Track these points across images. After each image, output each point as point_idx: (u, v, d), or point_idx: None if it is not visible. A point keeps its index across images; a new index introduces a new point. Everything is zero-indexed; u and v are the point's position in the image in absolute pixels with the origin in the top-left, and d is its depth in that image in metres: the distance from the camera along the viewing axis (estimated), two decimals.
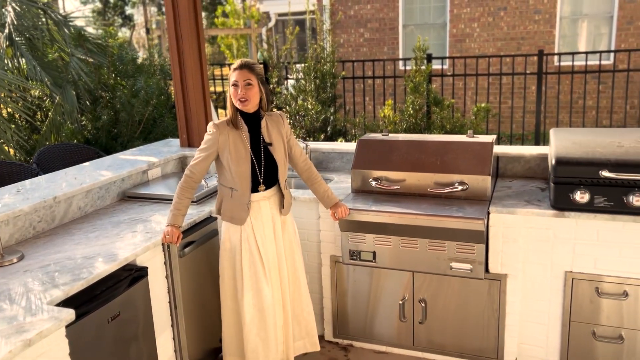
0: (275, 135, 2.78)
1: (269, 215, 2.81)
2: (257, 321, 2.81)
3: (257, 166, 2.74)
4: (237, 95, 2.64)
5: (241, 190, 2.73)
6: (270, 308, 2.80)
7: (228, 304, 2.89)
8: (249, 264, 2.77)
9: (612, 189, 2.66)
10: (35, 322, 1.88)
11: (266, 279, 2.78)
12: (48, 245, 2.65)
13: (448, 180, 3.11)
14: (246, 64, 2.65)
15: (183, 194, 2.74)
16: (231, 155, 2.70)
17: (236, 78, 2.63)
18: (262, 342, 2.82)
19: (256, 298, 2.79)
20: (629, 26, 9.45)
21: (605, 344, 2.89)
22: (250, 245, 2.77)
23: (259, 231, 2.78)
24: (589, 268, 2.84)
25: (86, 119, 4.98)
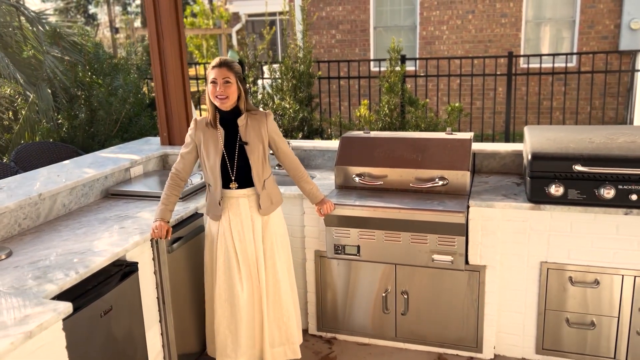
0: (253, 135, 2.77)
1: (247, 214, 2.81)
2: (227, 314, 2.86)
3: (229, 164, 2.77)
4: (216, 93, 2.66)
5: (213, 188, 2.79)
6: (242, 304, 2.82)
7: (209, 299, 2.95)
8: (224, 258, 2.83)
9: (584, 182, 2.81)
10: (34, 315, 1.89)
11: (240, 275, 2.82)
12: (35, 241, 2.64)
13: (429, 176, 3.22)
14: (225, 62, 2.68)
15: (170, 190, 2.80)
16: (205, 151, 2.77)
17: (215, 76, 2.65)
18: (232, 335, 2.86)
19: (228, 292, 2.84)
20: (590, 30, 9.84)
21: (577, 330, 3.04)
22: (226, 240, 2.81)
23: (237, 228, 2.81)
24: (562, 258, 2.99)
25: (62, 118, 4.91)
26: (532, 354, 3.17)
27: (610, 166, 2.76)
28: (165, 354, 2.92)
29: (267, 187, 2.84)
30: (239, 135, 2.77)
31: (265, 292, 2.88)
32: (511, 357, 3.21)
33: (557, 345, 3.11)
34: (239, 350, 2.88)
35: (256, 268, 2.86)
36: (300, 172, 2.99)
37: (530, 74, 5.98)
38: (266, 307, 2.89)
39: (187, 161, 2.81)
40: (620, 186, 2.76)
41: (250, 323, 2.87)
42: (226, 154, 2.76)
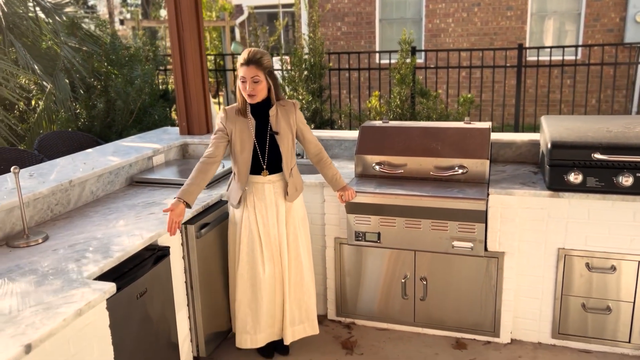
0: (283, 124, 2.86)
1: (272, 199, 2.89)
2: (249, 294, 2.95)
3: (260, 154, 2.84)
4: (246, 91, 2.72)
5: (240, 175, 2.85)
6: (264, 284, 2.91)
7: (232, 279, 3.06)
8: (247, 241, 2.91)
9: (603, 171, 2.88)
10: (81, 294, 1.95)
11: (262, 257, 2.91)
12: (68, 226, 2.70)
13: (448, 164, 3.29)
14: (253, 60, 2.69)
15: (197, 174, 2.74)
16: (236, 141, 2.81)
17: (244, 74, 2.70)
18: (252, 313, 2.96)
19: (250, 273, 2.93)
20: (596, 23, 9.88)
21: (593, 315, 3.12)
22: (250, 224, 2.89)
23: (261, 212, 2.89)
24: (580, 245, 3.06)
25: (80, 107, 4.96)
26: (548, 338, 3.25)
27: (628, 154, 2.83)
28: (193, 337, 3.00)
29: (293, 174, 2.93)
30: (269, 125, 2.83)
31: (288, 273, 2.98)
32: (527, 342, 3.29)
33: (572, 329, 3.18)
34: (258, 327, 2.98)
35: (279, 250, 2.95)
36: (324, 158, 3.06)
37: (540, 66, 6.04)
38: (288, 287, 2.99)
39: (218, 148, 2.83)
40: (638, 174, 2.83)
41: (271, 303, 2.97)
42: (258, 144, 2.82)
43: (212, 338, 3.11)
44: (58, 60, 4.94)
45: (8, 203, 2.56)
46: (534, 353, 3.18)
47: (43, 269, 2.20)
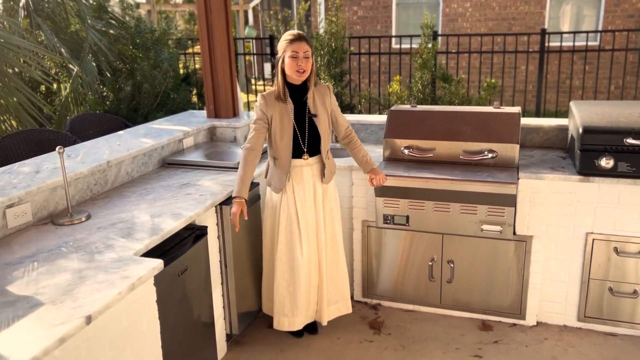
0: (320, 107, 2.91)
1: (310, 182, 2.96)
2: (287, 276, 3.01)
3: (300, 137, 2.88)
4: (296, 67, 2.73)
5: (282, 160, 2.88)
6: (302, 267, 2.97)
7: (267, 262, 3.11)
8: (286, 223, 2.96)
9: (635, 156, 2.90)
10: (131, 270, 2.02)
11: (300, 240, 2.96)
12: (108, 206, 2.77)
13: (477, 149, 3.31)
14: (303, 36, 2.76)
15: (247, 166, 2.81)
16: (276, 126, 2.84)
17: (295, 49, 2.72)
18: (290, 296, 3.02)
19: (288, 256, 2.98)
20: (616, 8, 9.76)
21: (619, 299, 3.16)
22: (289, 207, 2.94)
23: (299, 195, 2.94)
24: (608, 229, 3.09)
25: (107, 90, 5.02)
26: (574, 321, 3.30)
27: None
28: (226, 315, 3.07)
29: (329, 157, 3.00)
30: (307, 107, 2.86)
31: (325, 254, 3.04)
32: (553, 324, 3.33)
33: (598, 313, 3.23)
34: (297, 310, 3.04)
35: (315, 233, 3.00)
36: (354, 140, 3.11)
37: (563, 51, 6.00)
38: (325, 268, 3.05)
39: (259, 139, 2.85)
40: None
41: (307, 285, 3.03)
42: (297, 127, 2.86)
43: (244, 317, 3.19)
44: (84, 43, 4.99)
45: (52, 182, 2.63)
46: (560, 335, 3.23)
47: (91, 245, 2.27)
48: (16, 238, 2.38)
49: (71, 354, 1.74)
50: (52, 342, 1.59)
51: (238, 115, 4.32)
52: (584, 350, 3.09)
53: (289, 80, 2.83)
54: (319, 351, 3.15)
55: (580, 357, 3.03)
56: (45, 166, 2.89)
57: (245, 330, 3.30)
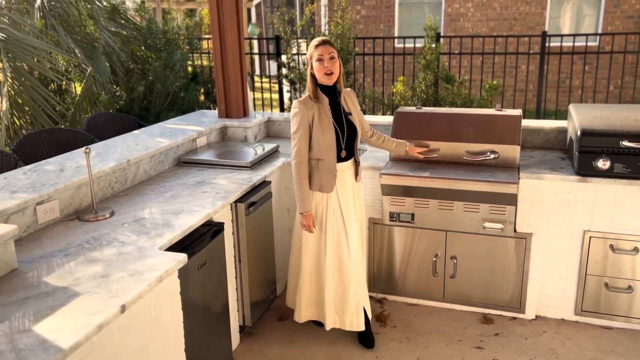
0: (352, 107, 3.04)
1: (350, 183, 3.04)
2: (337, 278, 3.08)
3: (340, 134, 2.94)
4: (323, 70, 2.83)
5: (327, 160, 2.92)
6: (348, 266, 3.04)
7: (308, 266, 3.13)
8: (332, 227, 3.01)
9: (630, 157, 3.04)
10: (158, 263, 2.17)
11: (347, 241, 3.02)
12: (130, 203, 2.92)
13: (480, 150, 3.46)
14: (327, 40, 2.87)
15: (301, 182, 2.92)
16: (317, 126, 2.88)
17: (321, 52, 2.82)
18: (340, 297, 3.10)
19: (336, 258, 3.05)
20: (616, 9, 9.89)
21: (615, 294, 3.31)
22: (334, 211, 3.00)
23: (343, 198, 3.00)
24: (605, 227, 3.24)
25: (121, 90, 5.16)
26: (571, 315, 3.45)
27: None
28: (239, 307, 3.22)
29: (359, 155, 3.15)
30: (341, 107, 2.97)
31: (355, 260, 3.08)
32: (551, 318, 3.49)
33: (595, 307, 3.38)
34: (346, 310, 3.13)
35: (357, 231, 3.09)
36: (378, 133, 3.33)
37: (563, 53, 6.15)
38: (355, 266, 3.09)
39: (306, 145, 2.90)
40: None
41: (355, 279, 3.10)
42: (336, 125, 2.93)
43: (256, 309, 3.34)
44: (98, 44, 5.13)
45: (77, 180, 2.78)
46: (558, 328, 3.38)
47: (117, 240, 2.41)
48: (46, 233, 2.53)
49: (107, 340, 1.89)
50: (92, 329, 1.74)
51: (248, 115, 4.46)
52: (580, 343, 3.24)
53: (320, 83, 2.90)
54: (328, 342, 3.30)
55: (577, 349, 3.18)
56: (68, 165, 3.04)
57: (257, 322, 3.45)
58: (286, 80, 6.54)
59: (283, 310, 3.64)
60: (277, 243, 3.68)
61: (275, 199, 3.58)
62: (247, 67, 4.59)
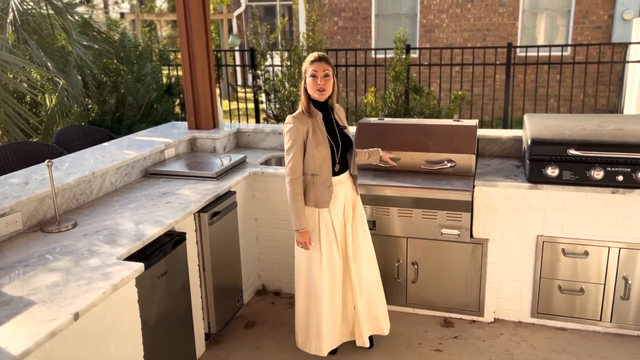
0: (344, 121, 3.05)
1: (342, 198, 3.00)
2: (330, 298, 3.02)
3: (335, 149, 2.94)
4: (316, 86, 2.83)
5: (323, 175, 2.89)
6: (340, 284, 3.04)
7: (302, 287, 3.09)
8: (327, 244, 2.97)
9: (577, 165, 3.18)
10: (114, 272, 2.24)
11: (340, 258, 3.02)
12: (93, 214, 2.99)
13: (438, 159, 3.58)
14: (323, 57, 2.85)
15: (297, 198, 2.90)
16: (311, 141, 2.86)
17: (315, 69, 2.82)
18: (333, 316, 3.06)
19: (331, 277, 3.00)
20: (585, 20, 10.18)
21: (568, 296, 3.44)
22: (327, 227, 2.96)
23: (336, 214, 2.98)
24: (556, 232, 3.37)
25: (92, 103, 5.22)
26: (528, 317, 3.57)
27: (600, 150, 3.13)
28: (204, 315, 3.30)
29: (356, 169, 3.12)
30: (334, 121, 2.97)
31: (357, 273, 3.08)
32: (509, 320, 3.61)
33: (550, 309, 3.50)
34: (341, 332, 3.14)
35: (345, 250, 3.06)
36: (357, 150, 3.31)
37: (528, 63, 6.33)
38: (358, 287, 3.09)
39: (300, 162, 2.89)
40: (608, 168, 3.14)
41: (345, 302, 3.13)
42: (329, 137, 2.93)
43: (222, 317, 3.41)
44: (70, 57, 5.20)
45: (41, 193, 2.84)
46: (515, 330, 3.50)
47: (78, 250, 2.49)
48: (8, 245, 2.59)
49: (60, 347, 1.96)
50: (43, 336, 1.81)
51: (218, 126, 4.55)
52: (535, 344, 3.36)
53: (313, 99, 2.91)
54: (293, 349, 3.38)
55: (531, 349, 3.30)
56: (34, 177, 3.10)
57: (223, 330, 3.52)
58: (260, 92, 6.65)
59: (250, 317, 3.72)
60: (245, 252, 3.77)
61: (241, 209, 3.67)
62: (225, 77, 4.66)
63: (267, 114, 6.79)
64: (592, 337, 3.40)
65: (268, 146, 4.48)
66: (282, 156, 4.33)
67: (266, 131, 4.48)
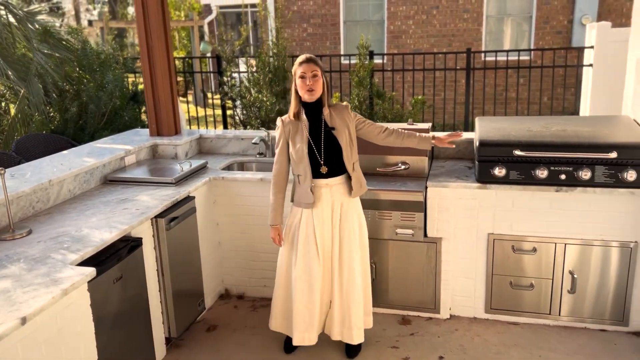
0: (338, 121, 2.99)
1: (329, 202, 3.02)
2: (306, 295, 3.10)
3: (316, 150, 2.97)
4: (305, 87, 2.89)
5: (304, 175, 2.98)
6: (318, 285, 3.09)
7: (282, 280, 3.21)
8: (304, 244, 3.05)
9: (523, 165, 3.32)
10: (65, 277, 2.28)
11: (318, 259, 3.06)
12: (49, 221, 3.01)
13: (393, 161, 3.69)
14: (311, 58, 2.92)
15: (276, 194, 3.06)
16: (291, 142, 2.98)
17: (303, 70, 2.88)
18: (309, 313, 3.13)
19: (307, 274, 3.08)
20: (546, 25, 10.48)
21: (519, 291, 3.57)
22: (307, 228, 3.03)
23: (319, 217, 3.03)
24: (506, 230, 3.50)
25: (54, 111, 5.21)
26: (482, 313, 3.69)
27: (543, 151, 3.28)
28: (164, 319, 3.33)
29: (356, 169, 3.07)
30: (323, 121, 2.99)
31: (338, 276, 3.12)
32: (464, 317, 3.72)
33: (502, 304, 3.63)
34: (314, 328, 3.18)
35: (330, 253, 3.11)
36: (398, 132, 3.16)
37: (487, 68, 6.53)
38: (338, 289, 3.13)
39: (282, 162, 3.04)
40: (552, 167, 3.28)
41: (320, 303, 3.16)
42: (313, 141, 2.97)
43: (182, 321, 3.45)
44: (31, 66, 5.18)
45: None
46: (469, 326, 3.62)
47: (30, 257, 2.51)
48: None
49: (8, 352, 1.98)
50: None
51: (180, 133, 4.59)
52: (488, 338, 3.47)
53: (304, 100, 2.97)
54: (253, 350, 3.44)
55: (484, 344, 3.42)
56: None
57: (184, 334, 3.56)
58: (226, 98, 6.71)
59: (212, 321, 3.77)
60: (207, 256, 3.81)
61: (202, 214, 3.71)
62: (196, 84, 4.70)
63: (234, 120, 6.85)
64: (542, 330, 3.54)
65: (230, 151, 4.54)
66: (244, 161, 4.40)
67: (228, 137, 4.54)
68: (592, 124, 3.59)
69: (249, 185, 3.83)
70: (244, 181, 3.83)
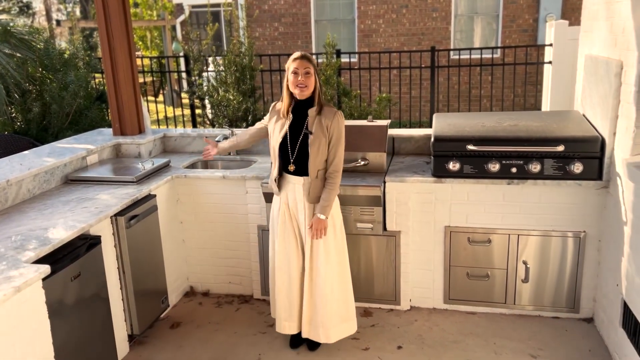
0: (318, 129, 2.98)
1: (301, 199, 3.08)
2: (286, 285, 3.20)
3: (290, 146, 3.04)
4: (296, 82, 2.92)
5: (274, 165, 3.13)
6: (296, 277, 3.17)
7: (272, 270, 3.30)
8: (282, 233, 3.14)
9: (476, 159, 3.42)
10: (19, 275, 2.29)
11: (297, 250, 3.15)
12: (6, 221, 3.01)
13: (353, 157, 3.77)
14: (305, 55, 2.95)
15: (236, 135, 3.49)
16: (272, 131, 3.13)
17: (296, 66, 2.92)
18: (289, 303, 3.21)
19: (286, 265, 3.18)
20: (512, 24, 10.71)
21: (475, 282, 3.68)
22: (284, 216, 3.14)
23: (293, 207, 3.13)
24: (462, 222, 3.61)
25: (16, 111, 5.16)
26: (441, 303, 3.79)
27: (495, 145, 3.39)
28: (127, 317, 3.35)
29: (320, 178, 3.04)
30: (306, 123, 3.02)
31: (308, 273, 3.16)
32: (424, 308, 3.82)
33: (460, 295, 3.74)
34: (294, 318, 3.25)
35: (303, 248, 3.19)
36: (330, 180, 3.05)
37: (450, 66, 6.67)
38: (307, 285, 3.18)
39: (254, 130, 3.38)
40: (503, 161, 3.39)
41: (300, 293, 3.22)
42: (290, 137, 3.03)
43: (145, 318, 3.47)
44: None
45: None
46: (429, 317, 3.72)
47: None
48: None
49: None
50: None
51: (144, 132, 4.60)
52: (446, 328, 3.58)
53: (295, 96, 3.00)
54: (216, 345, 3.48)
55: (442, 333, 3.52)
56: None
57: (147, 331, 3.58)
58: (194, 97, 6.71)
59: (176, 318, 3.80)
60: (170, 254, 3.84)
61: (164, 212, 3.74)
62: (173, 84, 4.70)
63: (203, 119, 6.86)
64: (498, 319, 3.65)
65: (195, 150, 4.57)
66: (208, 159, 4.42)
67: (192, 135, 4.57)
68: (542, 119, 3.72)
69: (211, 183, 3.87)
70: (207, 179, 3.87)
